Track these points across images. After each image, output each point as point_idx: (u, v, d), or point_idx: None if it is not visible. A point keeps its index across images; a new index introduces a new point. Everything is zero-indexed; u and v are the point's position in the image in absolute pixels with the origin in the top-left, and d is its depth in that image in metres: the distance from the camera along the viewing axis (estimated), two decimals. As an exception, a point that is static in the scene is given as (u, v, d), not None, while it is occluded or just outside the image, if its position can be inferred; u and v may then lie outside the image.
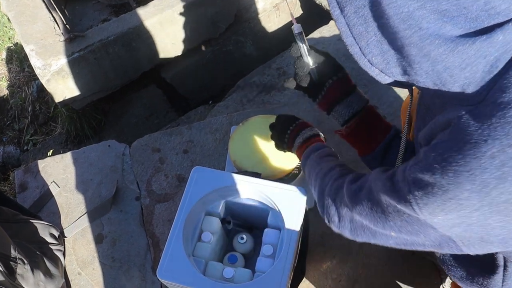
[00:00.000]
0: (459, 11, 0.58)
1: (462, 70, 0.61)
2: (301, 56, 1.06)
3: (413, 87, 0.78)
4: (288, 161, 1.39)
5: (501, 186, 0.58)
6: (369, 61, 0.70)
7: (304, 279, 1.35)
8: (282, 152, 1.41)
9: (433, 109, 0.75)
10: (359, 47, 0.70)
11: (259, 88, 2.01)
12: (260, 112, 1.72)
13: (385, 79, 0.73)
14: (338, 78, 1.07)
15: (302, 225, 1.12)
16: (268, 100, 1.95)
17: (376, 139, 1.06)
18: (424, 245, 0.72)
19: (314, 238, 1.40)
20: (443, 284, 1.35)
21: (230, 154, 1.42)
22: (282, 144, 1.20)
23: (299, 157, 1.15)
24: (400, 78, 0.71)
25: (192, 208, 1.14)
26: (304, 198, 1.14)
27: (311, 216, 1.35)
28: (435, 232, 0.67)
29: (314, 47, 1.07)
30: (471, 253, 0.69)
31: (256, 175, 1.22)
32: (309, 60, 1.05)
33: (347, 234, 0.87)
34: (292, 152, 1.19)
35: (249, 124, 1.48)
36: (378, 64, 0.70)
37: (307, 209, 1.17)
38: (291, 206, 1.12)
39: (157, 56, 2.20)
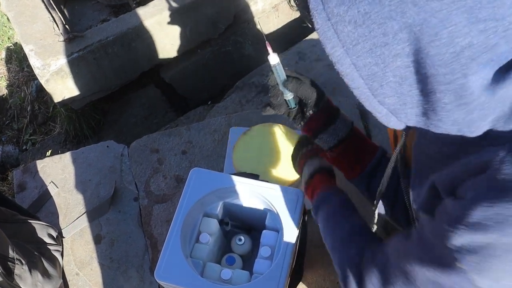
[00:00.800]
0: (508, 44, 0.50)
1: (494, 111, 0.54)
2: (277, 84, 0.97)
3: None
4: (292, 169, 1.40)
5: None
6: (379, 101, 0.59)
7: (302, 281, 1.35)
8: (286, 162, 1.41)
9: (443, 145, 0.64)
10: (369, 88, 0.58)
11: (258, 88, 2.02)
12: (258, 113, 1.72)
13: (389, 121, 0.61)
14: (319, 110, 0.98)
15: (300, 226, 1.12)
16: (266, 100, 1.95)
17: (363, 162, 1.01)
18: None
19: (312, 240, 1.40)
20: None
21: (234, 164, 1.43)
22: (295, 167, 1.13)
23: (308, 197, 1.06)
24: (413, 121, 0.60)
25: (190, 209, 1.14)
26: (302, 200, 1.14)
27: (309, 218, 1.35)
28: None
29: (293, 73, 0.97)
30: None
31: (254, 176, 1.22)
32: (286, 92, 0.96)
33: None
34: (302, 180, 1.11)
35: (252, 133, 1.48)
36: (390, 104, 0.58)
37: (305, 210, 1.17)
38: (289, 207, 1.12)
39: (156, 56, 2.20)
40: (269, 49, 0.91)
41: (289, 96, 0.96)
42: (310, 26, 0.58)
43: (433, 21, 0.49)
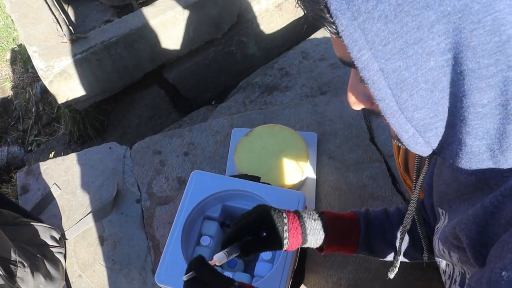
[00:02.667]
0: None
1: None
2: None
3: None
4: (295, 171, 1.39)
5: None
6: (406, 118, 0.53)
7: (304, 283, 1.35)
8: (288, 163, 1.40)
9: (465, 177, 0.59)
10: (396, 101, 0.52)
11: (261, 88, 2.01)
12: (261, 113, 1.71)
13: (416, 143, 0.56)
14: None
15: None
16: (270, 101, 1.94)
17: (354, 239, 0.97)
18: None
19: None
20: (445, 288, 1.34)
21: (236, 166, 1.43)
22: None
23: None
24: (437, 137, 0.55)
25: (191, 212, 1.14)
26: (303, 202, 1.13)
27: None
28: None
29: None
30: None
31: (255, 178, 1.22)
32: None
33: None
34: None
35: (254, 134, 1.48)
36: (419, 119, 0.53)
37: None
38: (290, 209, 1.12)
39: (159, 57, 2.20)
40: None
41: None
42: (329, 28, 0.52)
43: (476, 6, 0.45)
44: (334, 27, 0.50)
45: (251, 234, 0.88)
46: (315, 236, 0.92)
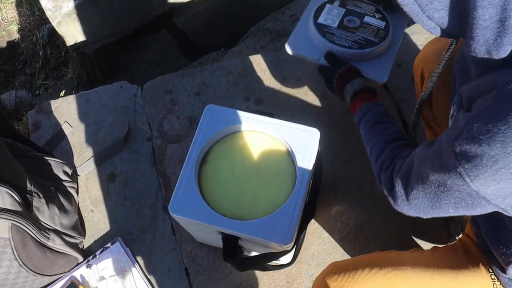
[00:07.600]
0: None
1: None
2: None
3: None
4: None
5: None
6: (427, 16, 0.68)
7: (313, 221, 1.37)
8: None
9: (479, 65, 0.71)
10: (418, 5, 0.67)
11: (272, 34, 1.98)
12: (274, 56, 1.69)
13: (436, 33, 0.71)
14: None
15: (314, 164, 1.12)
16: (281, 47, 1.92)
17: None
18: (485, 211, 0.70)
19: (325, 182, 1.41)
20: (452, 232, 1.36)
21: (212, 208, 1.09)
22: (331, 88, 1.19)
23: (351, 110, 1.13)
24: (454, 30, 0.69)
25: (205, 145, 1.14)
26: (317, 137, 1.13)
27: (324, 158, 1.34)
28: (489, 203, 0.65)
29: None
30: None
31: (270, 114, 1.22)
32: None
33: (412, 214, 0.83)
34: (341, 100, 1.18)
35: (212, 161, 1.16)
36: (438, 18, 0.67)
37: (319, 149, 1.17)
38: (304, 145, 1.12)
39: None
40: None
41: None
42: None
43: None
44: None
45: None
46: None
